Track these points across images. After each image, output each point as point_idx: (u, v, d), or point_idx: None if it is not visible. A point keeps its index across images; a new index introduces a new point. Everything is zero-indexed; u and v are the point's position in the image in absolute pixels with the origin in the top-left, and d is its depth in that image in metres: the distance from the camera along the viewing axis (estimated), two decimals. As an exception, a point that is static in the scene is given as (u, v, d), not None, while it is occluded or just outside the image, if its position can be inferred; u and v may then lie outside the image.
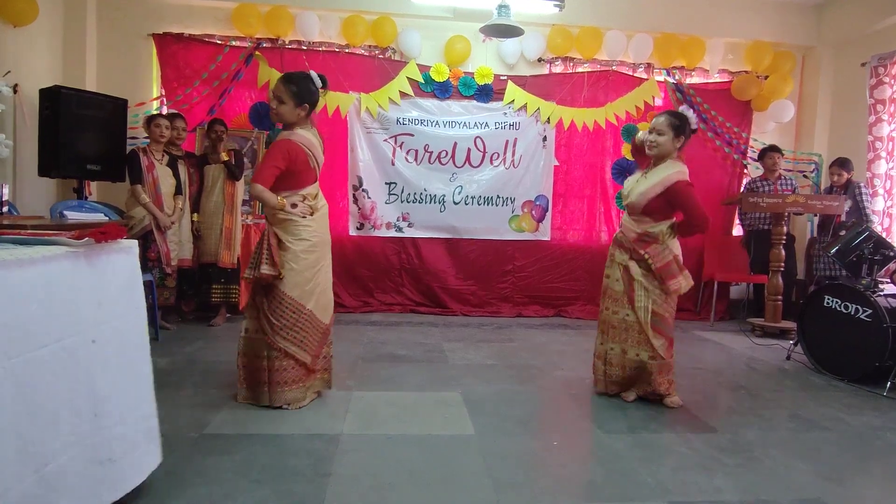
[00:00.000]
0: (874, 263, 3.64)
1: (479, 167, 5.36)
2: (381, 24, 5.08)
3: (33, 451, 1.37)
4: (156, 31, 4.95)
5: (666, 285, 2.82)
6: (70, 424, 1.49)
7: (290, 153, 2.60)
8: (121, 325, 1.75)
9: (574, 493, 2.02)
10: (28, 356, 1.37)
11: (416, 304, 5.34)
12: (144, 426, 1.83)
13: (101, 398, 1.62)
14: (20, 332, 1.35)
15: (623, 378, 2.95)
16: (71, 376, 1.51)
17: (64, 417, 1.47)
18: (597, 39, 5.28)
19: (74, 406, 1.52)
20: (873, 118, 5.06)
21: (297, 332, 2.67)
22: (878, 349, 3.31)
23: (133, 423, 1.76)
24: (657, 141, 2.85)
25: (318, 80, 2.70)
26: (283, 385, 2.68)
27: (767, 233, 4.89)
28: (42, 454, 1.40)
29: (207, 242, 4.39)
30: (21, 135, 4.21)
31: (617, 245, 2.99)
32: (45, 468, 1.40)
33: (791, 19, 5.52)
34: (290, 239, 2.65)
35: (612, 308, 2.95)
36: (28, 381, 1.37)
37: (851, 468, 2.31)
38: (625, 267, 2.91)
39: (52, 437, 1.43)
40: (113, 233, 1.72)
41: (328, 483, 1.99)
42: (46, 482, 1.40)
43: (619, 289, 2.92)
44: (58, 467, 1.44)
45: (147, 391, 1.91)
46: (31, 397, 1.37)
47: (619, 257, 2.95)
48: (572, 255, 5.49)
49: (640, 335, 2.87)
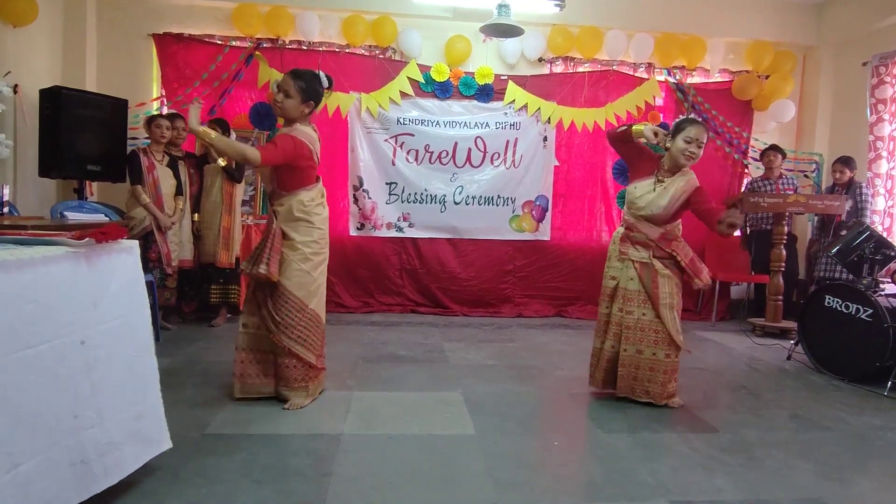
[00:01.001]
0: (875, 263, 3.64)
1: (480, 167, 5.36)
2: (382, 23, 5.08)
3: (8, 451, 1.36)
4: (156, 31, 4.95)
5: (698, 279, 2.82)
6: (47, 426, 1.48)
7: (296, 147, 2.59)
8: (118, 325, 1.75)
9: (574, 492, 2.02)
10: (13, 357, 1.37)
11: (417, 305, 5.34)
12: (131, 427, 1.82)
13: (83, 400, 1.61)
14: (8, 333, 1.35)
15: (634, 378, 2.87)
16: (55, 378, 1.50)
17: (43, 419, 1.46)
18: (597, 39, 5.28)
19: (54, 408, 1.51)
20: (874, 118, 5.06)
21: (301, 331, 2.68)
22: (878, 349, 3.31)
23: (116, 425, 1.74)
24: (697, 154, 2.76)
25: (325, 80, 2.71)
26: (289, 383, 2.71)
27: (768, 233, 4.89)
28: (16, 455, 1.39)
29: (206, 242, 4.39)
30: (21, 135, 4.21)
31: (631, 243, 2.88)
32: (16, 469, 1.39)
33: (792, 19, 5.51)
34: (301, 239, 2.66)
35: (625, 308, 2.85)
36: (10, 383, 1.36)
37: (852, 468, 2.31)
38: (643, 264, 2.83)
39: (28, 438, 1.42)
40: (113, 233, 1.72)
41: (329, 483, 1.99)
42: (17, 483, 1.39)
43: (635, 288, 2.83)
44: (29, 468, 1.43)
45: (147, 391, 1.90)
46: (12, 399, 1.37)
47: (636, 255, 2.85)
48: (573, 255, 5.49)
49: (657, 334, 2.81)
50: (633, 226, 2.89)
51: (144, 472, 1.92)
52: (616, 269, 2.92)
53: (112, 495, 1.75)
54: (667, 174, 2.82)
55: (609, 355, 2.93)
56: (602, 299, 2.99)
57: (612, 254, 2.98)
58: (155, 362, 1.96)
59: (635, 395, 2.89)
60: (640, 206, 2.83)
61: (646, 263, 2.83)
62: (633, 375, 2.87)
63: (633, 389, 2.89)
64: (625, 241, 2.91)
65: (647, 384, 2.86)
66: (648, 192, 2.82)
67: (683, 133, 2.76)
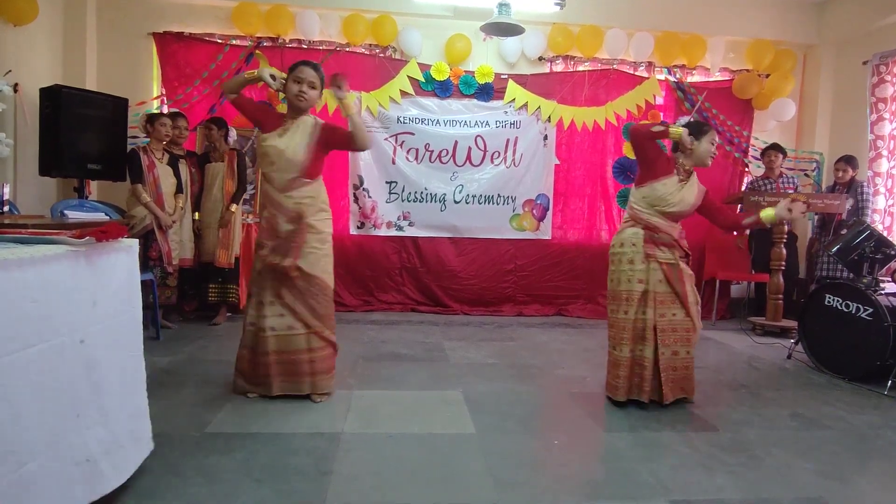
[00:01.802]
0: (875, 262, 3.63)
1: (480, 166, 5.36)
2: (382, 22, 5.07)
3: (12, 450, 1.36)
4: (156, 30, 4.95)
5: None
6: (50, 425, 1.48)
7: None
8: (114, 324, 1.75)
9: (575, 491, 2.02)
10: (15, 356, 1.36)
11: (417, 303, 5.34)
12: (130, 426, 1.82)
13: (85, 398, 1.61)
14: (10, 331, 1.35)
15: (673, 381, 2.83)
16: (56, 377, 1.50)
17: (46, 418, 1.46)
18: (597, 38, 5.27)
19: (57, 406, 1.51)
20: (875, 116, 5.06)
21: (331, 317, 2.81)
22: (879, 348, 3.31)
23: (117, 424, 1.74)
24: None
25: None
26: (324, 374, 2.78)
27: (769, 231, 4.88)
28: (21, 454, 1.38)
29: (206, 241, 4.39)
30: (22, 134, 4.21)
31: (655, 244, 2.79)
32: (22, 468, 1.38)
33: (792, 17, 5.51)
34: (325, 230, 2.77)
35: (658, 310, 2.78)
36: (12, 382, 1.36)
37: (853, 467, 2.31)
38: (669, 265, 2.79)
39: (32, 437, 1.42)
40: (113, 232, 1.72)
41: (329, 482, 1.99)
42: (23, 482, 1.39)
43: (665, 289, 2.78)
44: (35, 467, 1.42)
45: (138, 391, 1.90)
46: (14, 397, 1.36)
47: (664, 255, 2.79)
48: (573, 254, 5.49)
49: (687, 332, 2.83)
50: (655, 227, 2.80)
51: (145, 471, 1.93)
52: (642, 272, 2.80)
53: (112, 494, 1.74)
54: (685, 174, 2.84)
55: (638, 362, 2.81)
56: (619, 304, 2.84)
57: (632, 256, 2.81)
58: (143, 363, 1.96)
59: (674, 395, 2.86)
60: (673, 202, 2.77)
61: (672, 264, 2.80)
62: (673, 378, 2.83)
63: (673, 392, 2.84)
64: (649, 242, 2.79)
65: (684, 382, 2.89)
66: (677, 189, 2.79)
67: (708, 136, 2.81)
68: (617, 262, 2.87)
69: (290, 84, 2.67)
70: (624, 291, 2.82)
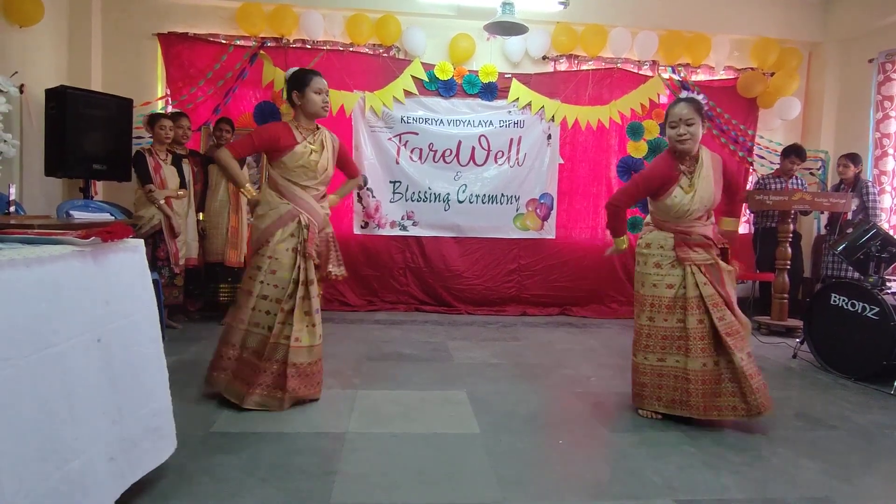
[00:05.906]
0: (881, 261, 3.61)
1: (484, 165, 5.36)
2: (386, 22, 5.08)
3: (53, 448, 1.38)
4: (160, 30, 4.97)
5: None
6: (84, 423, 1.50)
7: None
8: (128, 323, 1.76)
9: (580, 491, 2.02)
10: (42, 354, 1.37)
11: (421, 303, 5.34)
12: (148, 424, 1.83)
13: (106, 397, 1.62)
14: (31, 331, 1.36)
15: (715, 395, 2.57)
16: (80, 375, 1.51)
17: (79, 415, 1.48)
18: (601, 37, 5.26)
19: (86, 404, 1.52)
20: (880, 115, 5.04)
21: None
22: (885, 347, 3.29)
23: (135, 422, 1.75)
24: (690, 133, 2.51)
25: None
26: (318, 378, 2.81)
27: (774, 230, 4.86)
28: (62, 451, 1.40)
29: (213, 241, 4.39)
30: (27, 135, 4.23)
31: (689, 246, 2.59)
32: (67, 465, 1.40)
33: (797, 15, 5.49)
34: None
35: (696, 316, 2.56)
36: (43, 380, 1.37)
37: (859, 467, 2.29)
38: (708, 266, 2.60)
39: (71, 434, 1.44)
40: (119, 232, 1.72)
41: (334, 481, 1.99)
42: (70, 480, 1.41)
43: (711, 291, 2.57)
44: (80, 465, 1.45)
45: (157, 388, 1.91)
46: (46, 395, 1.38)
47: (700, 257, 2.60)
48: (578, 254, 5.48)
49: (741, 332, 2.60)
50: (686, 230, 2.61)
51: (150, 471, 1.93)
52: (674, 277, 2.61)
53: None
54: (687, 168, 2.61)
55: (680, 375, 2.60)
56: (642, 308, 2.68)
57: (660, 260, 2.63)
58: (164, 360, 1.96)
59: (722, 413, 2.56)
60: (693, 207, 2.57)
61: (711, 265, 2.62)
62: (714, 392, 2.56)
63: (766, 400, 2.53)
64: (681, 245, 2.60)
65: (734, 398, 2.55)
66: (690, 192, 2.58)
67: (668, 119, 2.59)
68: (643, 263, 2.70)
69: (312, 95, 2.67)
70: (649, 296, 2.66)
